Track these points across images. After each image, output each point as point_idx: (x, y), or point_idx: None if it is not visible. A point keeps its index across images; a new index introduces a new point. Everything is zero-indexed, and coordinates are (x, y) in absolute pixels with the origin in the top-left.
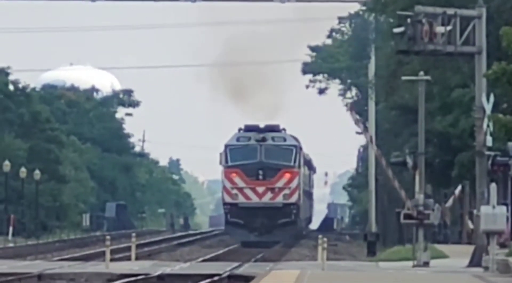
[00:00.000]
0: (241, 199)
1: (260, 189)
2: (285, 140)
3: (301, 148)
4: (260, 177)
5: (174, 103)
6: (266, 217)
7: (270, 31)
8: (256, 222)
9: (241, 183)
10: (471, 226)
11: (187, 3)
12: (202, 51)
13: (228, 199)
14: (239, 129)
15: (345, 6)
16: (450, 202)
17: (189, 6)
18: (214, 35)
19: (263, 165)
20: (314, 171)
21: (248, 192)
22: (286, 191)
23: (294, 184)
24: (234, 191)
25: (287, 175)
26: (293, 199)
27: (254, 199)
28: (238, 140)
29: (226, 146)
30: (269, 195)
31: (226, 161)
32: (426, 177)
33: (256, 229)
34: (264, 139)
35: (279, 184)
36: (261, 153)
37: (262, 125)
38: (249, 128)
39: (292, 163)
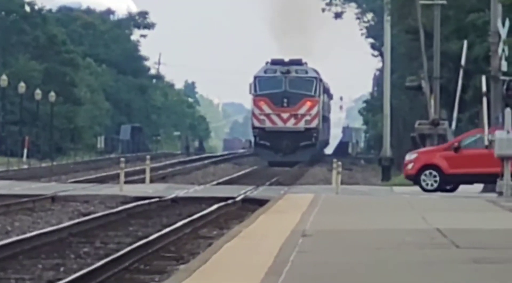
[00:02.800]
0: (268, 124)
1: (285, 115)
2: (306, 72)
3: (321, 80)
4: (285, 104)
5: (190, 26)
6: (290, 140)
7: None
8: (281, 144)
9: (268, 110)
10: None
11: None
12: None
13: (257, 124)
14: (266, 62)
15: None
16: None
17: None
18: None
19: (288, 94)
20: (332, 98)
21: (274, 117)
22: (308, 117)
23: (314, 111)
24: (262, 117)
25: (309, 103)
26: (314, 124)
27: (280, 124)
28: (265, 72)
29: (255, 77)
30: (292, 120)
31: (255, 90)
32: (441, 102)
33: (281, 150)
34: (288, 72)
35: (301, 111)
36: (285, 84)
37: (286, 59)
38: (275, 62)
39: (312, 93)
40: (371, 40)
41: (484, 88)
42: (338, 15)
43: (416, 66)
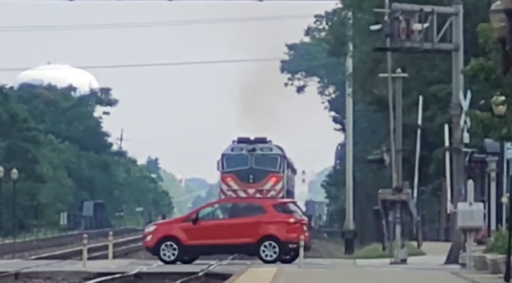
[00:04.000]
0: None
1: (251, 191)
2: (271, 150)
3: (285, 156)
4: (251, 180)
5: (152, 101)
6: None
7: (249, 29)
8: None
9: (235, 186)
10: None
11: (163, 2)
12: (179, 50)
13: None
14: (233, 141)
15: (322, 3)
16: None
17: (166, 4)
18: (190, 34)
19: (253, 171)
20: (295, 173)
21: (241, 193)
22: (273, 192)
23: (279, 186)
24: (229, 193)
25: (273, 179)
26: None
27: None
28: (232, 150)
29: (223, 155)
30: (258, 195)
31: (223, 168)
32: (403, 174)
33: None
34: (254, 149)
35: (267, 186)
36: (251, 161)
37: (252, 138)
38: (241, 140)
39: (277, 169)
40: (333, 113)
41: (447, 143)
42: (300, 89)
43: (378, 138)
